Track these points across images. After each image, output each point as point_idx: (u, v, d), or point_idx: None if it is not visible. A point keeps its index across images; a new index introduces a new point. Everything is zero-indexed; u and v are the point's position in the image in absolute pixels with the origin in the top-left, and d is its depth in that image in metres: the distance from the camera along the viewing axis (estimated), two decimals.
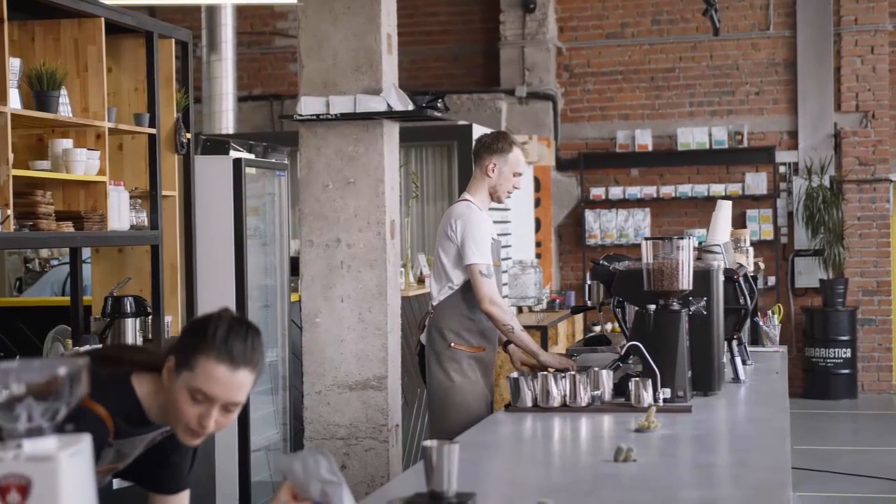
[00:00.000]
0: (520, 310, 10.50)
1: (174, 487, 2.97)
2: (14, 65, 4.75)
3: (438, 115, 6.12)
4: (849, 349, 12.28)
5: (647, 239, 4.50)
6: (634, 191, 12.88)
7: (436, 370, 5.29)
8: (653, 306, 4.43)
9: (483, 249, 5.16)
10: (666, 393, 4.30)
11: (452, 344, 5.25)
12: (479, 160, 5.42)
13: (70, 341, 5.50)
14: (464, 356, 5.25)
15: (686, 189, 12.76)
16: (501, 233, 10.43)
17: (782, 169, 12.76)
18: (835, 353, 12.26)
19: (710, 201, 12.55)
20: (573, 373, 4.33)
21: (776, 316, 6.51)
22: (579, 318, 11.46)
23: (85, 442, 1.79)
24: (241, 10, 12.81)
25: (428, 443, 2.72)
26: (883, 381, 12.65)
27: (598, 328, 12.26)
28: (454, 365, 5.24)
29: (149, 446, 2.84)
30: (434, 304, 5.36)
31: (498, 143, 5.37)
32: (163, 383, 2.69)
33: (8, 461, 1.71)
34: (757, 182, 12.65)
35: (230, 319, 2.67)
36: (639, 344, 4.35)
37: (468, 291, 5.19)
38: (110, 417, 2.67)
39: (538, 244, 12.41)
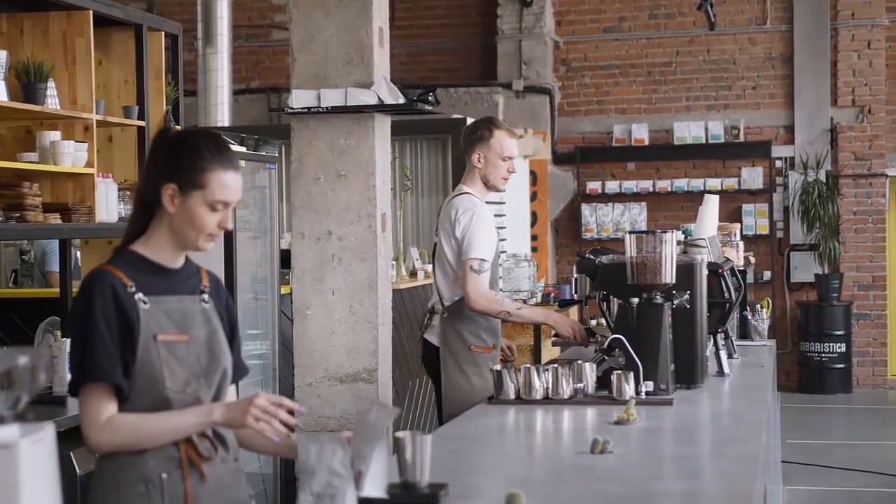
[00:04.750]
0: None
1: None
2: (0, 57, 4.77)
3: (429, 108, 6.12)
4: (843, 344, 12.31)
5: (630, 232, 4.51)
6: (631, 185, 12.89)
7: (454, 373, 5.16)
8: (636, 300, 4.44)
9: (483, 246, 5.07)
10: (648, 386, 4.31)
11: (472, 346, 5.15)
12: (465, 152, 5.33)
13: (59, 332, 5.52)
14: (482, 358, 5.13)
15: (682, 183, 12.77)
16: (497, 226, 10.46)
17: (778, 163, 12.77)
18: (829, 347, 12.28)
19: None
20: (556, 366, 4.34)
21: (765, 310, 6.53)
22: (574, 311, 11.47)
23: (47, 430, 1.81)
24: (238, 4, 12.82)
25: (401, 434, 2.75)
26: (878, 375, 12.67)
27: (594, 322, 12.28)
28: (474, 368, 5.12)
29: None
30: (446, 303, 5.21)
31: (478, 131, 5.27)
32: (162, 215, 2.86)
33: None
34: (753, 177, 12.66)
35: (206, 133, 2.96)
36: (621, 337, 4.37)
37: None
38: (117, 269, 2.83)
39: (534, 238, 12.43)
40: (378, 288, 5.86)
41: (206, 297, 2.97)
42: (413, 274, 8.17)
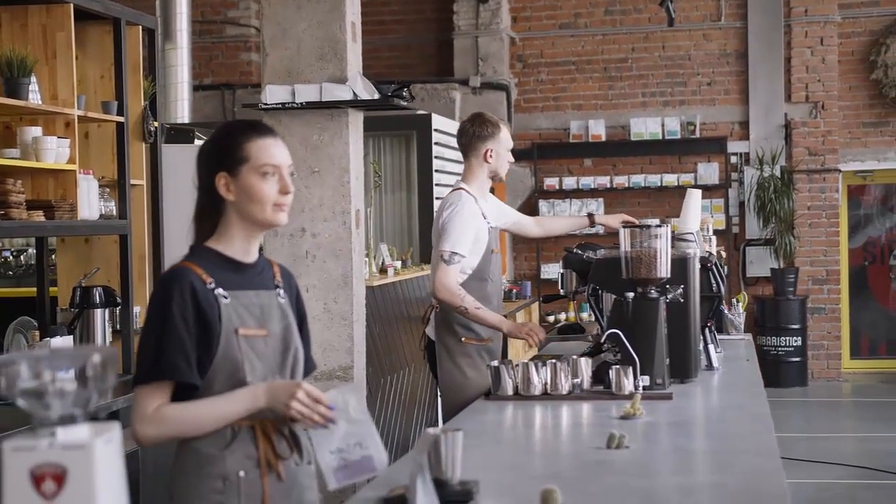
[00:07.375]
0: None
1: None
2: None
3: (404, 104, 6.10)
4: (799, 337, 12.43)
5: (625, 226, 4.51)
6: (588, 181, 12.93)
7: (448, 366, 5.19)
8: (631, 294, 4.44)
9: (458, 239, 5.07)
10: (645, 380, 4.31)
11: (463, 339, 5.17)
12: (471, 150, 5.32)
13: (37, 333, 5.41)
14: (474, 349, 5.16)
15: (639, 179, 12.83)
16: None
17: (734, 159, 12.87)
18: (786, 341, 12.40)
19: (662, 191, 12.65)
20: (554, 361, 4.32)
21: (741, 304, 6.57)
22: (535, 307, 11.50)
23: (115, 430, 1.76)
24: None
25: (432, 430, 2.72)
26: (832, 368, 12.81)
27: (551, 318, 12.32)
28: (466, 360, 5.15)
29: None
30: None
31: (487, 128, 5.31)
32: (228, 209, 2.86)
33: (42, 450, 1.69)
34: (709, 172, 12.75)
35: (237, 121, 3.02)
36: (618, 332, 4.36)
37: (472, 282, 5.12)
38: (195, 265, 2.84)
39: None
40: (353, 285, 5.83)
41: (281, 291, 2.97)
42: (384, 271, 8.12)
